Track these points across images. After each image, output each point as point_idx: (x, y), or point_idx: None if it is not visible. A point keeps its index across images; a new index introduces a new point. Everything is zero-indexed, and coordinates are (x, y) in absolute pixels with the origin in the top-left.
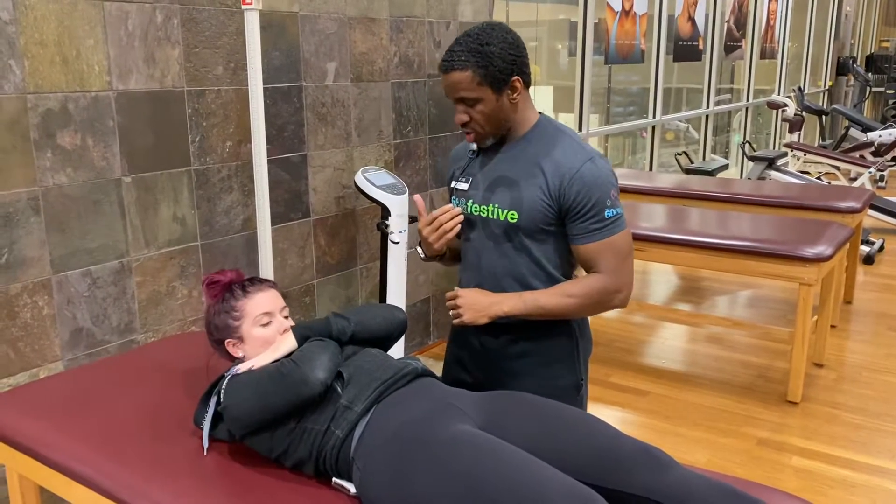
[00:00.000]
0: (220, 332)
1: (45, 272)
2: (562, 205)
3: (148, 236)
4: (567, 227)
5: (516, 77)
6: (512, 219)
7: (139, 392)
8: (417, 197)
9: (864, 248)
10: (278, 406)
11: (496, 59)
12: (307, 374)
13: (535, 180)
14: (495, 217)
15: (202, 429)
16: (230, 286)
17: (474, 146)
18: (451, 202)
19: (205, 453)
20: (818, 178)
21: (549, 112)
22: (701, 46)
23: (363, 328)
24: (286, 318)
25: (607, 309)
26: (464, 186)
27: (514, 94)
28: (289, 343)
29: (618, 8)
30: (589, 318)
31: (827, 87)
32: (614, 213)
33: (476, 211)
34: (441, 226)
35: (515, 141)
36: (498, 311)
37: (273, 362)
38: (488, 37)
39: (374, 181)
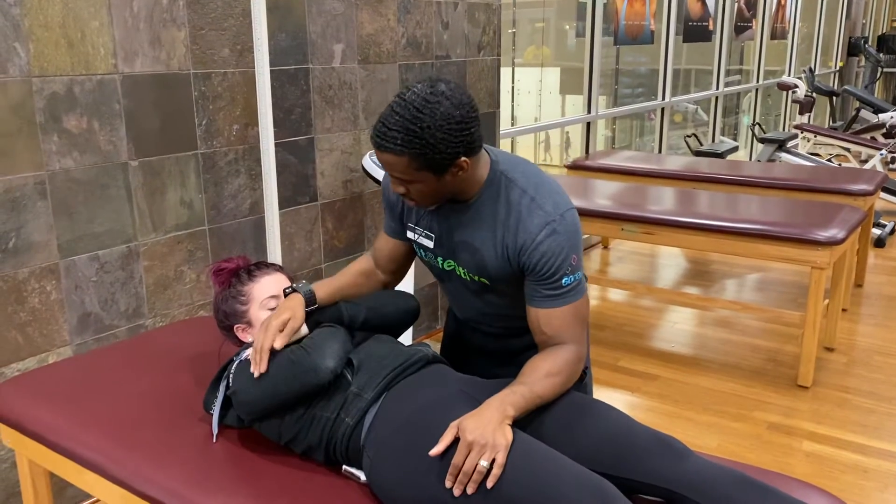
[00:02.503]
0: (228, 318)
1: (53, 257)
2: (522, 270)
3: (155, 220)
4: (524, 283)
5: (463, 159)
6: (483, 281)
7: (148, 377)
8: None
9: (876, 231)
10: (287, 393)
11: (438, 144)
12: (317, 362)
13: (495, 250)
14: (467, 278)
15: (212, 414)
16: (237, 272)
17: None
18: (408, 235)
19: (214, 440)
20: (829, 160)
21: (555, 95)
22: (711, 27)
23: (375, 314)
24: None
25: (575, 379)
26: (428, 243)
27: (461, 172)
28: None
29: None
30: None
31: (838, 68)
32: (572, 279)
33: (449, 266)
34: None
35: (468, 203)
36: (507, 419)
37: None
38: (430, 114)
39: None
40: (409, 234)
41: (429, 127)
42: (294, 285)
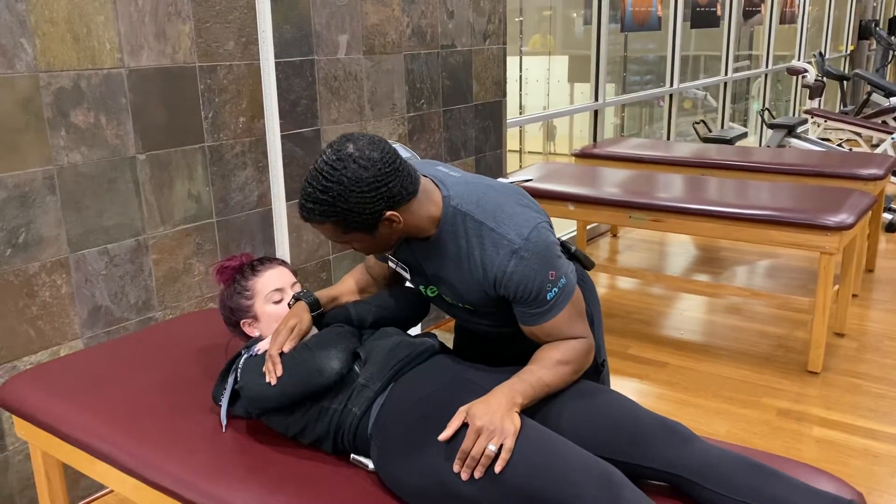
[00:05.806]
0: (234, 314)
1: (63, 251)
2: (504, 298)
3: (163, 214)
4: (512, 306)
5: (389, 213)
6: (468, 307)
7: (158, 369)
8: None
9: (887, 216)
10: (292, 393)
11: (354, 208)
12: (322, 363)
13: (470, 282)
14: (453, 303)
15: (220, 405)
16: (240, 268)
17: None
18: (389, 265)
19: (223, 430)
20: (839, 144)
21: (563, 83)
22: (719, 12)
23: (386, 313)
24: None
25: (586, 368)
26: (406, 275)
27: (394, 224)
28: None
29: None
30: (597, 287)
31: (848, 52)
32: (556, 290)
33: (433, 293)
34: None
35: (430, 241)
36: (515, 406)
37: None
38: (338, 181)
39: None
40: (390, 264)
41: (340, 194)
42: (297, 294)
